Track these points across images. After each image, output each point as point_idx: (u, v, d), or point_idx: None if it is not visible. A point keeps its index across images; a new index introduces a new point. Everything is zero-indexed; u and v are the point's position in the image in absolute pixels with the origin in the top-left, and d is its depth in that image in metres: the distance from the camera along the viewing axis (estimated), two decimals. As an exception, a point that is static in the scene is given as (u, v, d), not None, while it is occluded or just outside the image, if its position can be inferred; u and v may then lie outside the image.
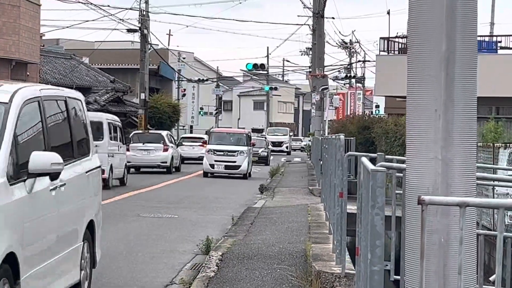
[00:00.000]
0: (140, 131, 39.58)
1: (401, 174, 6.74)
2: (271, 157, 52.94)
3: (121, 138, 27.90)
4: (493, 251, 13.89)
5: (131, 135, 36.26)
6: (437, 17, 4.67)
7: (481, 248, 7.49)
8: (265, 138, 57.43)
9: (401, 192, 9.55)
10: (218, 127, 67.42)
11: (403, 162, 12.05)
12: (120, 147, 27.49)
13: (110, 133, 26.01)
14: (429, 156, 4.68)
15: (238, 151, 33.96)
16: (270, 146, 56.42)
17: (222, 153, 33.85)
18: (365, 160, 5.30)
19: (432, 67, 4.68)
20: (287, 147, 72.21)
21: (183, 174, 35.69)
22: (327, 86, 38.48)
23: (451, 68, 4.66)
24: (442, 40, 4.67)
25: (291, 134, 78.94)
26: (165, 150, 35.06)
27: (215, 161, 33.83)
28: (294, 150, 78.88)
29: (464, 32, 4.68)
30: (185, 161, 42.02)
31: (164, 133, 37.58)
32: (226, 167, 33.87)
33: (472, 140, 4.73)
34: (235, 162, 33.88)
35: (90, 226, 9.15)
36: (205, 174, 34.16)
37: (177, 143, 41.46)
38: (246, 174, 34.22)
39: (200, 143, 45.40)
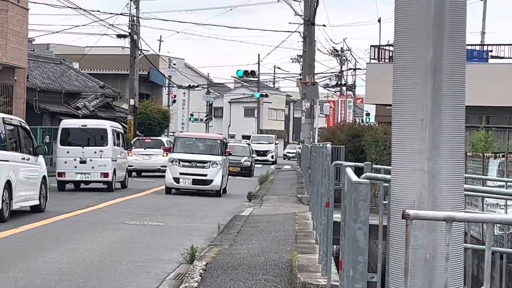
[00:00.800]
0: (142, 137, 41.93)
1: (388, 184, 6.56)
2: (254, 166, 46.98)
3: (123, 144, 29.76)
4: (481, 262, 13.71)
5: (133, 140, 39.34)
6: (424, 23, 4.48)
7: (468, 262, 7.31)
8: (249, 145, 49.26)
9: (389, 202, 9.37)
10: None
11: (386, 171, 11.86)
12: (122, 152, 29.27)
13: (113, 139, 27.74)
14: (415, 168, 4.49)
15: (209, 161, 27.22)
16: (254, 155, 49.48)
17: (189, 163, 27.15)
18: (349, 171, 5.10)
19: (418, 74, 4.49)
20: (272, 157, 66.02)
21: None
22: (317, 96, 38.34)
23: (438, 76, 4.47)
24: (429, 47, 4.48)
25: (277, 142, 72.74)
26: (166, 154, 35.68)
27: (181, 173, 27.02)
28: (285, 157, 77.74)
29: (452, 39, 4.49)
30: None
31: (164, 139, 41.51)
32: (194, 182, 27.01)
33: (460, 151, 4.53)
34: (205, 175, 27.14)
35: None
36: (168, 190, 27.38)
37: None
38: (219, 191, 27.51)
39: None
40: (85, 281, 11.06)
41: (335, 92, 77.61)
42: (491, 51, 34.97)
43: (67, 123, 28.85)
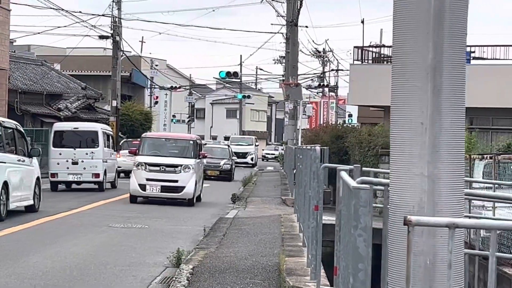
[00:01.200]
0: (130, 139, 43.00)
1: (381, 188, 6.46)
2: (235, 169, 42.90)
3: (113, 145, 31.09)
4: (472, 267, 13.63)
5: (121, 142, 40.44)
6: (423, 25, 4.39)
7: (464, 268, 7.23)
8: (229, 147, 45.55)
9: (378, 205, 9.29)
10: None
11: (375, 174, 11.76)
12: (112, 154, 30.31)
13: (104, 141, 28.81)
14: (414, 172, 4.40)
15: (181, 165, 23.82)
16: (234, 157, 45.51)
17: (157, 168, 23.88)
18: (345, 176, 5.00)
19: (418, 77, 4.40)
20: (252, 159, 61.91)
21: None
22: (300, 98, 38.29)
23: (438, 79, 4.38)
24: (429, 49, 4.39)
25: (257, 144, 68.54)
26: None
27: (147, 179, 23.67)
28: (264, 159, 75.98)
29: (452, 40, 4.41)
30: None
31: None
32: (163, 189, 23.68)
33: (460, 155, 4.45)
34: (176, 181, 23.68)
35: None
36: (133, 199, 23.99)
37: None
38: (192, 199, 23.93)
39: None
40: (69, 285, 10.91)
41: (317, 93, 77.64)
42: (474, 52, 35.04)
43: (59, 125, 29.65)
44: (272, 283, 10.26)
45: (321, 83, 68.95)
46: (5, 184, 17.72)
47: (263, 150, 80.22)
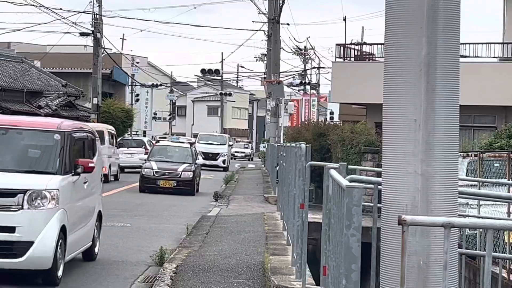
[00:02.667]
0: (126, 138, 47.55)
1: (370, 186, 6.37)
2: (199, 178, 30.37)
3: (115, 143, 35.35)
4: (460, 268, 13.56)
5: (117, 140, 41.49)
6: (417, 19, 4.29)
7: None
8: (192, 146, 32.28)
9: (365, 203, 9.20)
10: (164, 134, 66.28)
11: (360, 172, 11.65)
12: (114, 150, 34.26)
13: (109, 139, 33.34)
14: (408, 171, 4.30)
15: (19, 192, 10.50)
16: (201, 160, 36.08)
17: None
18: (335, 174, 4.89)
19: (411, 73, 4.30)
20: (224, 162, 50.15)
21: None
22: (282, 95, 38.19)
23: (432, 75, 4.28)
24: (422, 45, 4.29)
25: (231, 143, 58.55)
26: (146, 153, 41.38)
27: None
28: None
29: (446, 35, 4.31)
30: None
31: (145, 139, 48.20)
32: None
33: (455, 153, 4.35)
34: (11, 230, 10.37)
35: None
36: None
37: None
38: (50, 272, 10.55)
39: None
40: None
41: (299, 91, 77.62)
42: (456, 50, 35.00)
43: None
44: (257, 282, 10.16)
45: (303, 81, 68.88)
46: None
47: (230, 147, 71.14)
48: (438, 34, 4.27)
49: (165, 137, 41.21)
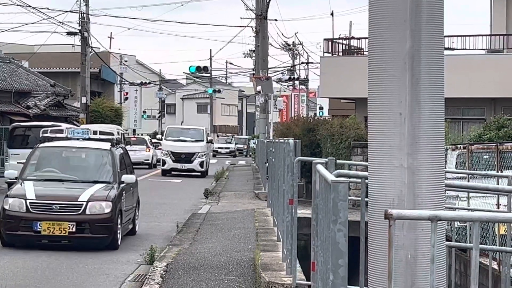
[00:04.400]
0: (129, 136, 50.86)
1: (357, 180, 6.35)
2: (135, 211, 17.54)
3: (125, 142, 34.96)
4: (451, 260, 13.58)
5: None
6: (400, 12, 4.27)
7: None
8: (116, 146, 16.61)
9: (353, 198, 9.20)
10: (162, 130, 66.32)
11: (349, 166, 11.65)
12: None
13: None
14: (394, 164, 4.29)
15: None
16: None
17: None
18: (321, 169, 4.87)
19: (396, 66, 4.28)
20: (202, 164, 37.76)
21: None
22: (271, 91, 38.15)
23: (416, 68, 4.26)
24: (406, 37, 4.27)
25: (210, 139, 46.06)
26: (148, 150, 45.60)
27: None
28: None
29: (430, 28, 4.29)
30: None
31: (147, 137, 50.00)
32: None
33: (440, 146, 4.34)
34: None
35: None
36: None
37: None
38: None
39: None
40: (41, 286, 10.75)
41: (287, 86, 77.58)
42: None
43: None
44: (248, 278, 10.14)
45: (292, 76, 68.83)
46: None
47: (211, 143, 68.08)
48: (422, 27, 4.25)
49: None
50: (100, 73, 58.67)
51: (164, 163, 37.71)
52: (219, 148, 71.98)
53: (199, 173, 37.13)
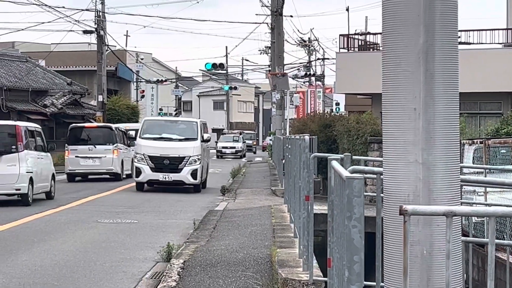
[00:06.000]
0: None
1: (373, 176, 6.34)
2: None
3: (127, 142, 34.92)
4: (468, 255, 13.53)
5: None
6: (414, 7, 4.25)
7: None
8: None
9: (369, 194, 9.17)
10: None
11: (365, 162, 11.64)
12: (126, 148, 34.25)
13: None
14: (409, 160, 4.27)
15: None
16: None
17: None
18: (336, 165, 4.87)
19: (410, 61, 4.26)
20: (194, 174, 26.08)
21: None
22: (287, 87, 38.11)
23: (430, 62, 4.24)
24: (420, 32, 4.25)
25: (206, 136, 27.71)
26: None
27: None
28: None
29: (444, 22, 4.27)
30: None
31: None
32: None
33: (455, 141, 4.32)
34: None
35: None
36: None
37: None
38: None
39: None
40: (59, 284, 10.76)
41: (304, 82, 77.52)
42: (460, 37, 34.90)
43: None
44: (264, 275, 10.14)
45: (308, 73, 68.81)
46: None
47: (216, 142, 59.03)
48: (436, 21, 4.23)
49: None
50: (116, 71, 58.86)
51: (138, 172, 25.90)
52: (223, 147, 60.53)
53: (191, 186, 26.15)
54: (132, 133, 34.98)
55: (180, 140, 26.58)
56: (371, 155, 22.35)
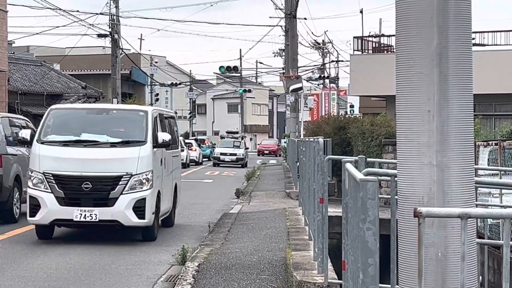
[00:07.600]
0: None
1: (387, 178, 6.33)
2: None
3: None
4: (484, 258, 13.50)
5: None
6: (427, 9, 4.25)
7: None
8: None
9: (384, 196, 9.17)
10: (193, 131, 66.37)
11: (380, 164, 11.60)
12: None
13: None
14: (423, 162, 4.26)
15: None
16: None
17: None
18: (350, 167, 4.86)
19: (423, 63, 4.26)
20: (138, 209, 14.52)
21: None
22: (300, 87, 38.04)
23: (444, 65, 4.24)
24: (434, 34, 4.25)
25: (166, 136, 15.28)
26: (182, 150, 49.01)
27: None
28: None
29: (458, 24, 4.27)
30: None
31: (180, 138, 53.90)
32: None
33: (470, 143, 4.31)
34: None
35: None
36: None
37: None
38: None
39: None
40: (75, 287, 10.80)
41: (318, 85, 77.48)
42: (474, 38, 34.82)
43: None
44: (279, 278, 10.13)
45: (322, 75, 68.74)
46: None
47: (213, 147, 54.88)
48: (449, 23, 4.23)
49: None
50: (130, 74, 59.00)
51: (34, 206, 14.57)
52: (221, 154, 52.29)
53: (135, 229, 15.23)
54: None
55: (113, 145, 14.98)
56: (386, 157, 22.31)
